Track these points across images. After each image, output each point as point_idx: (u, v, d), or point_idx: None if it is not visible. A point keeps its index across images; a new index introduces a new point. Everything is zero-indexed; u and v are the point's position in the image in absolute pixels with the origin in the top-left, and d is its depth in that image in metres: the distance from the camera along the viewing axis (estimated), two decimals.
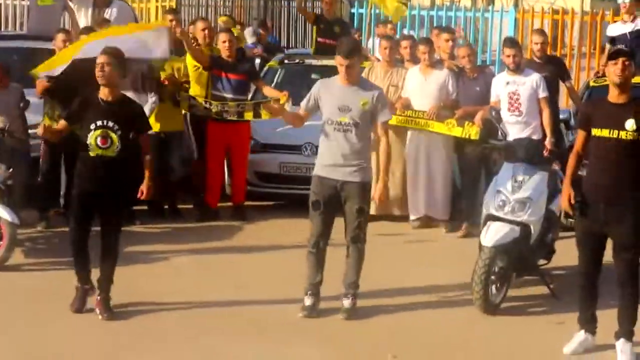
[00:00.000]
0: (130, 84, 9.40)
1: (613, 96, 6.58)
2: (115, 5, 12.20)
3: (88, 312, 7.44)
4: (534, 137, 9.29)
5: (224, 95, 10.66)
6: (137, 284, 8.06)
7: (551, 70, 10.51)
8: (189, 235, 9.98)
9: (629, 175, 6.54)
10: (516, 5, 19.27)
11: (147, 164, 7.54)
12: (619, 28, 12.61)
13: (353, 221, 7.45)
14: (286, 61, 13.08)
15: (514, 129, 9.57)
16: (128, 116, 7.40)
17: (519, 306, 7.81)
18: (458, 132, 10.16)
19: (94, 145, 7.28)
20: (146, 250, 9.28)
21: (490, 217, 7.83)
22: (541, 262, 8.21)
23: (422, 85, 10.36)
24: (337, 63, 7.42)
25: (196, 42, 10.86)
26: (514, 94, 9.67)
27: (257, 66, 13.07)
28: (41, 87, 9.71)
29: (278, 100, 10.13)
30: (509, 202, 7.78)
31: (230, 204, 10.93)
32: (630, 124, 6.43)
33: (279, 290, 8.00)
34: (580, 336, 6.82)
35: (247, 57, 11.74)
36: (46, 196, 10.13)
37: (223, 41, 10.75)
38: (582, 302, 6.88)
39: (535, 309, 7.80)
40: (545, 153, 8.79)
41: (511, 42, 10.04)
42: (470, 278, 7.55)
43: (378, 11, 16.35)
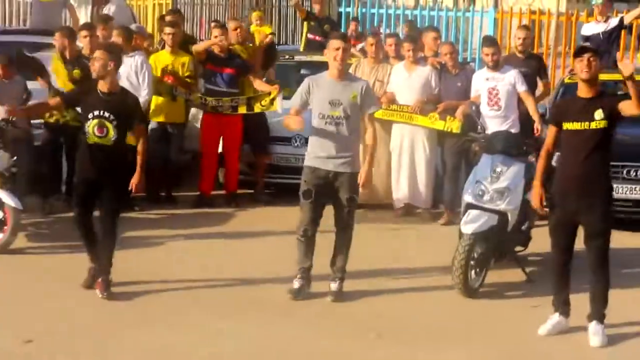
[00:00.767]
0: None
1: (582, 91, 6.67)
2: (113, 2, 12.22)
3: (89, 291, 7.52)
4: (512, 130, 9.36)
5: (218, 89, 10.70)
6: (135, 266, 8.12)
7: (532, 66, 10.61)
8: (185, 221, 10.01)
9: (599, 166, 6.63)
10: (496, 6, 19.32)
11: (141, 154, 7.57)
12: (593, 28, 12.66)
13: (343, 209, 7.50)
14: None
15: (493, 123, 9.61)
16: (123, 107, 7.47)
17: (497, 290, 7.86)
18: (440, 126, 10.20)
19: (92, 133, 7.41)
20: (144, 235, 9.33)
21: (470, 206, 7.88)
22: (518, 249, 8.28)
23: (407, 80, 10.38)
24: (333, 48, 7.40)
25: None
26: (493, 90, 9.74)
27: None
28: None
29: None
30: (488, 192, 7.83)
31: (223, 192, 10.98)
32: (599, 114, 6.53)
33: (269, 273, 8.05)
34: (554, 318, 6.89)
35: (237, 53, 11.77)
36: (49, 183, 10.12)
37: (215, 36, 10.78)
38: (556, 287, 6.94)
39: (512, 293, 7.86)
40: (536, 133, 9.11)
41: (490, 41, 10.10)
42: (450, 263, 7.61)
43: (364, 10, 16.34)
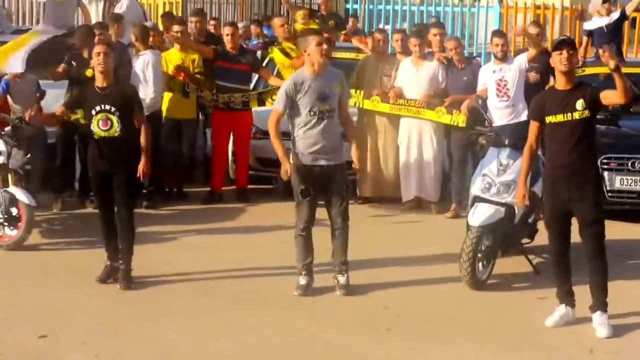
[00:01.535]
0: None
1: (561, 84, 6.62)
2: (124, 0, 12.10)
3: (103, 285, 7.55)
4: (521, 120, 9.26)
5: (229, 85, 10.61)
6: (147, 262, 8.01)
7: (544, 62, 10.41)
8: (196, 216, 9.96)
9: (586, 153, 6.57)
10: (501, 1, 19.15)
11: (145, 140, 7.53)
12: (597, 22, 12.54)
13: (339, 200, 7.40)
14: None
15: (501, 114, 9.53)
16: (122, 97, 7.52)
17: (504, 282, 7.78)
18: (447, 120, 10.12)
19: (97, 128, 7.49)
20: (155, 230, 9.26)
21: (477, 199, 7.80)
22: (525, 241, 8.18)
23: (414, 75, 10.30)
24: (316, 41, 7.25)
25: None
26: (502, 81, 9.69)
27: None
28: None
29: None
30: (495, 185, 7.75)
31: (233, 188, 10.88)
32: (580, 104, 6.48)
33: (279, 266, 7.98)
34: (561, 310, 6.78)
35: (249, 49, 11.68)
36: (62, 180, 10.09)
37: (227, 34, 10.70)
38: (558, 279, 6.84)
39: (519, 285, 7.77)
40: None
41: (500, 33, 10.22)
42: (458, 256, 7.53)
43: (371, 7, 16.20)
